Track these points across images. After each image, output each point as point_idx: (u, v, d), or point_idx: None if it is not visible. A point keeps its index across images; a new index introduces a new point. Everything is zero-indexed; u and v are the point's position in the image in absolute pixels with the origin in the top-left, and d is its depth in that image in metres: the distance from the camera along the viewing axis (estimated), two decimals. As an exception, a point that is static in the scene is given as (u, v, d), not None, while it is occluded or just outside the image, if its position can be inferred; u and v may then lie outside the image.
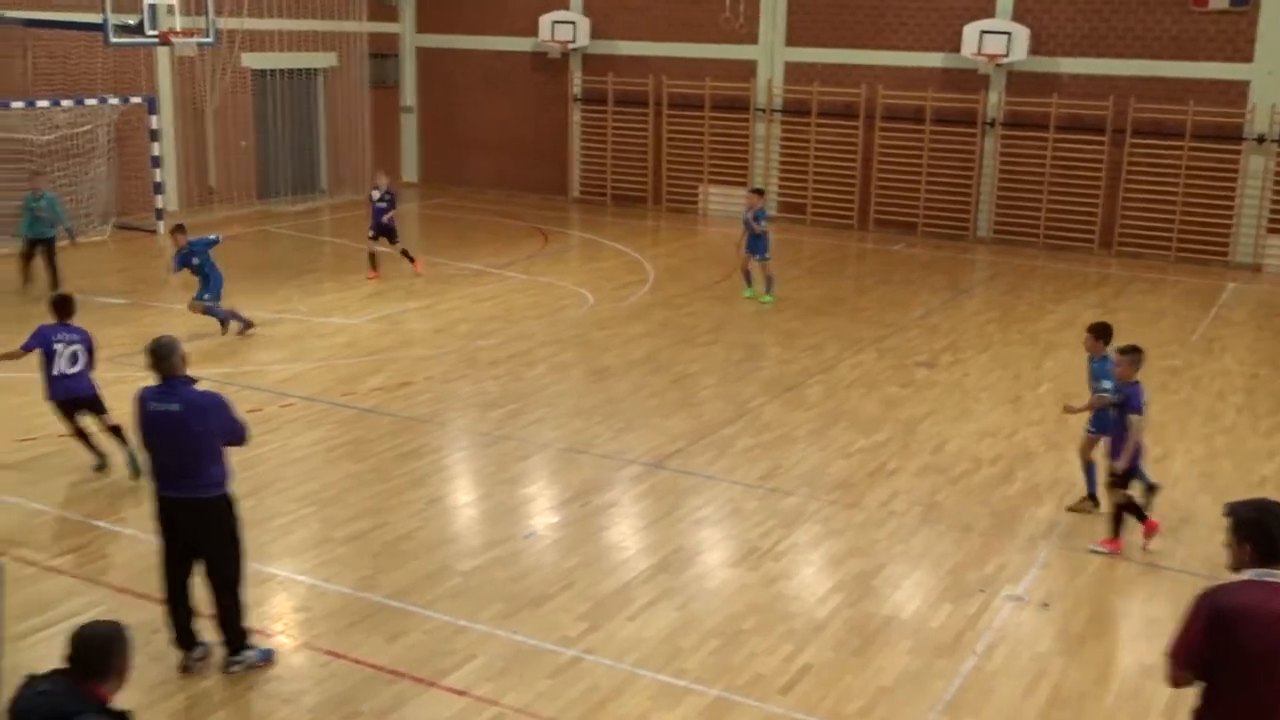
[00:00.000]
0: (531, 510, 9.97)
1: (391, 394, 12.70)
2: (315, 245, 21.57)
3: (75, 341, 10.30)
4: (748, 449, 11.27)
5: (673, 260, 20.47)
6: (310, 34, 25.36)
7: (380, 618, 7.94)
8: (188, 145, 23.42)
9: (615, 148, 25.93)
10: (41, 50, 20.37)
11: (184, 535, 7.13)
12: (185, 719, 6.82)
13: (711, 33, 24.40)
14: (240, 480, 8.32)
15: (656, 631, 7.82)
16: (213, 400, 7.14)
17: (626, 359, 14.21)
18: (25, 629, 7.50)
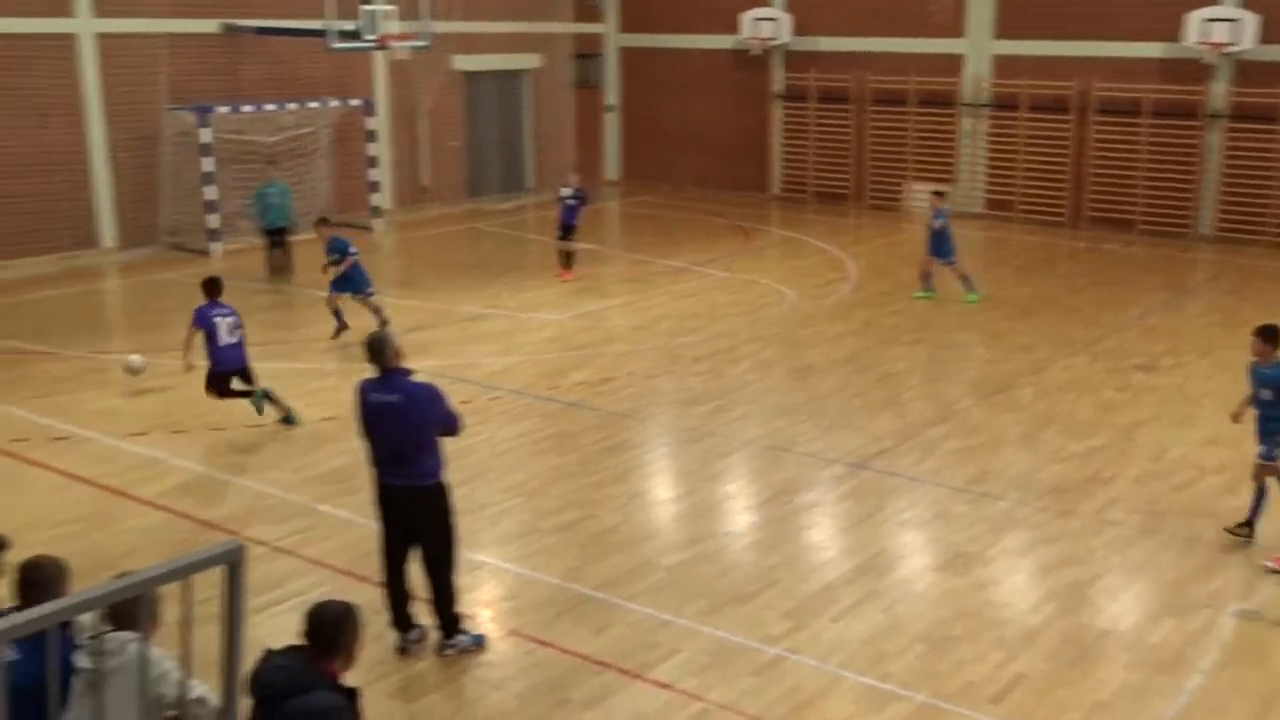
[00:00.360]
0: (734, 507, 9.98)
1: (595, 389, 12.89)
2: (522, 243, 22.07)
3: (229, 315, 11.68)
4: (955, 451, 11.02)
5: (875, 258, 20.18)
6: (517, 36, 25.96)
7: (586, 609, 8.07)
8: (401, 145, 24.28)
9: (817, 144, 25.72)
10: (270, 56, 21.43)
11: (402, 521, 7.40)
12: (401, 699, 7.06)
13: (917, 26, 23.96)
14: (453, 469, 8.58)
15: (861, 633, 7.72)
16: (430, 391, 7.33)
17: (829, 357, 14.08)
18: (256, 605, 7.89)
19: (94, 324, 15.92)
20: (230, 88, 20.93)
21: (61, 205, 19.29)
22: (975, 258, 20.94)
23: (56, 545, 8.54)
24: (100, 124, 19.48)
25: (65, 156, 19.20)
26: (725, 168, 26.94)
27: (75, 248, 19.52)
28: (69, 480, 10.27)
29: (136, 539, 9.10)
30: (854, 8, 24.81)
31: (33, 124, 18.73)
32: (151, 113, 20.05)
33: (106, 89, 19.46)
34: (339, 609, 4.76)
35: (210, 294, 11.81)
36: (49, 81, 18.82)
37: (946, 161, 24.25)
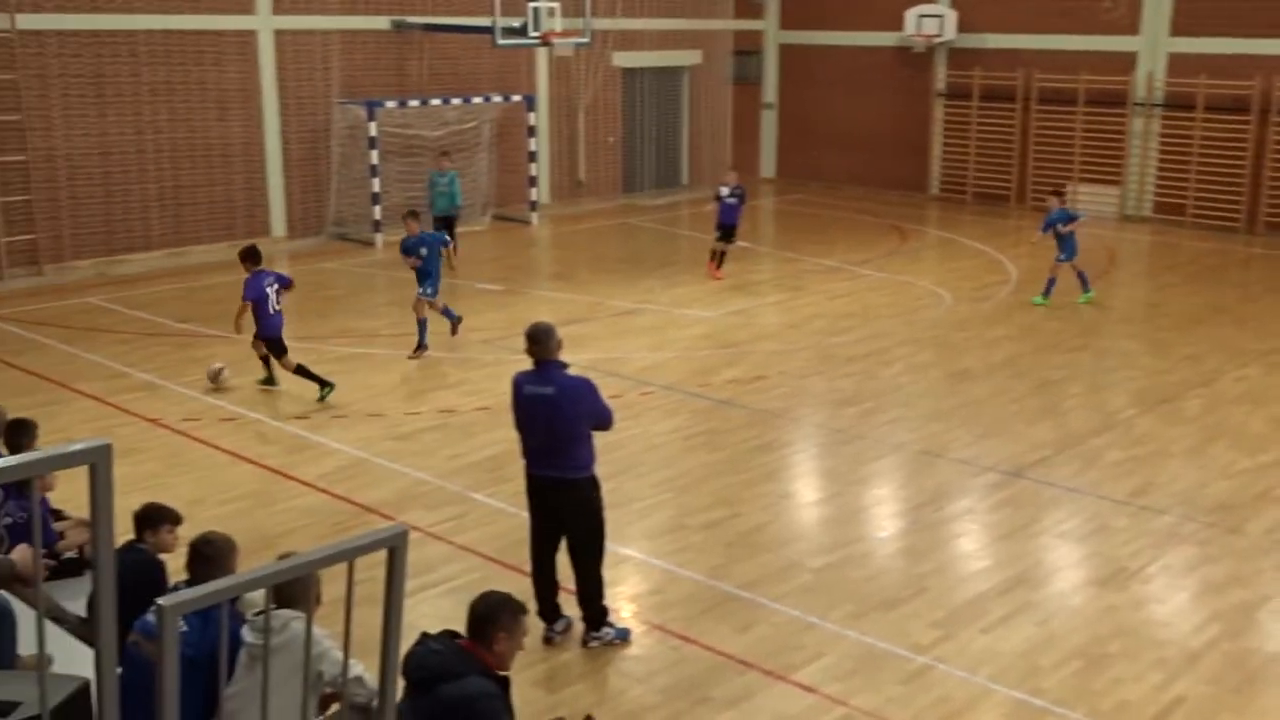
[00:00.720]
0: (884, 512, 9.85)
1: (746, 387, 12.86)
2: (675, 239, 22.14)
3: (274, 282, 12.21)
4: (1117, 463, 10.67)
5: (1036, 262, 19.60)
6: (677, 33, 26.04)
7: (731, 607, 8.05)
8: (560, 141, 24.59)
9: (979, 144, 25.18)
10: (436, 53, 21.93)
11: (551, 513, 7.49)
12: (546, 688, 7.15)
13: (1088, 23, 23.25)
14: (603, 463, 8.66)
15: (1013, 646, 7.53)
16: (584, 385, 7.38)
17: (987, 362, 13.78)
18: (409, 589, 7.98)
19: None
20: (397, 83, 21.50)
21: (237, 195, 20.08)
22: (1142, 263, 20.28)
23: (221, 522, 8.90)
24: (275, 117, 20.22)
25: (242, 148, 19.98)
26: (883, 166, 26.57)
27: (249, 236, 20.28)
28: (234, 459, 10.69)
29: (296, 519, 9.42)
30: (1024, 5, 24.19)
31: (214, 116, 19.54)
32: (322, 106, 20.73)
33: (282, 83, 20.19)
34: (496, 599, 4.85)
35: (255, 261, 12.36)
36: (230, 76, 19.61)
37: (1115, 163, 23.48)
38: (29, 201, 17.77)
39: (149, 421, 11.66)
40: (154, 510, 6.60)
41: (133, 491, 9.40)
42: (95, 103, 18.34)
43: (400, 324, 15.31)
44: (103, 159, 18.56)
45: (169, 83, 19.00)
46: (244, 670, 4.98)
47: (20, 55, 17.43)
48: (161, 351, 14.09)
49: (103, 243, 18.76)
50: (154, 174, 19.10)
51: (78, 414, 11.87)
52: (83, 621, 6.29)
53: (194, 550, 5.72)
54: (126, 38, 18.46)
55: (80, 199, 18.44)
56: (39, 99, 17.79)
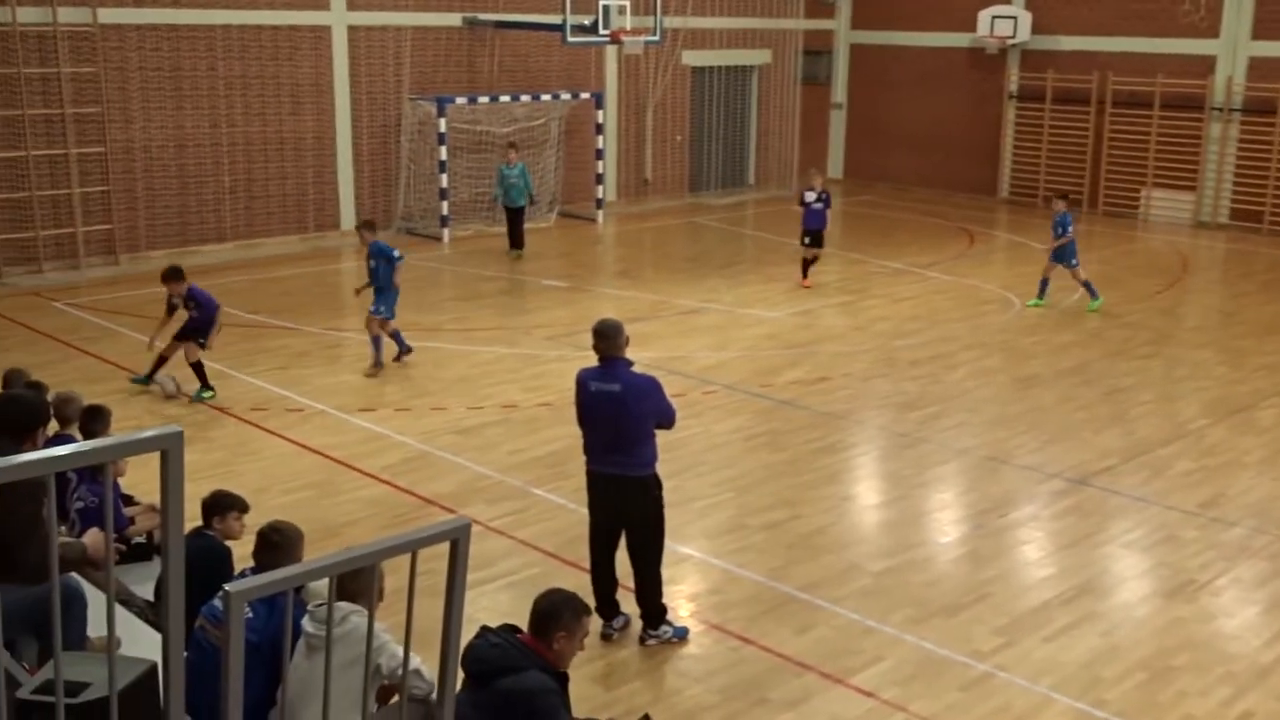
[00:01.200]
0: (946, 517, 9.75)
1: (809, 388, 12.80)
2: (740, 238, 22.08)
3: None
4: (1187, 473, 10.49)
5: (1107, 267, 19.35)
6: (747, 32, 25.97)
7: (790, 609, 8.02)
8: (627, 139, 24.63)
9: (1050, 147, 24.85)
10: (506, 49, 22.06)
11: (612, 510, 7.50)
12: (603, 685, 7.17)
13: (1167, 26, 22.86)
14: (665, 462, 8.66)
15: (1076, 656, 7.43)
16: (650, 383, 7.37)
17: (1054, 368, 13.60)
18: (469, 582, 8.11)
19: (331, 303, 16.72)
20: (468, 79, 21.66)
21: (309, 189, 20.34)
22: (1216, 270, 19.90)
23: (286, 511, 9.01)
24: (347, 112, 20.45)
25: (314, 143, 20.24)
26: (952, 168, 26.31)
27: (319, 229, 20.56)
28: (300, 450, 10.83)
29: (359, 509, 9.52)
30: (1099, 6, 23.84)
31: (287, 110, 19.80)
32: (393, 102, 20.93)
33: (354, 79, 20.41)
34: (560, 598, 4.87)
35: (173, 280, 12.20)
36: (304, 70, 19.86)
37: (1190, 168, 23.06)
38: (106, 193, 18.11)
39: (218, 410, 11.85)
40: (222, 497, 6.71)
41: (201, 479, 9.58)
42: (172, 96, 18.66)
43: (466, 319, 15.43)
44: (178, 151, 18.88)
45: (244, 77, 19.29)
46: (301, 659, 5.04)
47: (101, 49, 17.78)
48: (231, 342, 14.28)
49: (177, 234, 19.10)
50: (228, 167, 19.40)
51: (149, 402, 12.09)
52: (151, 605, 6.41)
53: (262, 538, 5.80)
54: (205, 32, 18.77)
55: (156, 191, 18.78)
56: (118, 92, 18.14)
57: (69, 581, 5.24)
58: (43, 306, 15.92)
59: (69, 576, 5.27)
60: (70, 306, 15.82)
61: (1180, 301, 17.12)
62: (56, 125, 17.67)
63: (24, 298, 16.40)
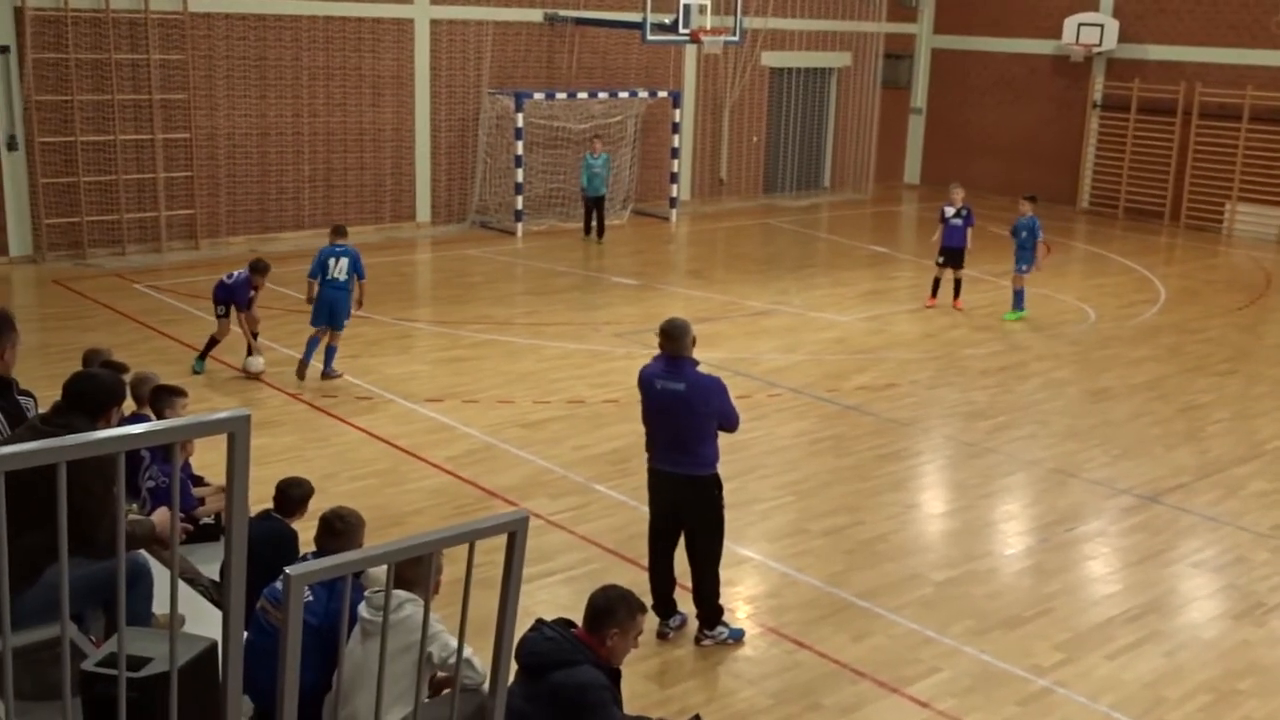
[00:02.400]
0: (1011, 529, 9.64)
1: (876, 394, 12.71)
2: (813, 241, 21.98)
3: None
4: (1262, 493, 10.27)
5: (1188, 281, 19.01)
6: (828, 34, 25.83)
7: (848, 615, 7.98)
8: (704, 138, 24.62)
9: (1134, 158, 24.43)
10: (586, 46, 22.15)
11: (672, 508, 7.51)
12: (658, 683, 7.18)
13: (1258, 36, 22.38)
14: (728, 463, 8.66)
15: (1139, 675, 7.32)
16: (715, 384, 7.36)
17: (1128, 382, 13.38)
18: (527, 575, 8.14)
19: (404, 293, 16.90)
20: (546, 75, 21.78)
21: (386, 180, 20.58)
22: (1303, 288, 19.43)
23: (351, 498, 9.14)
24: (426, 105, 20.65)
25: (393, 134, 20.47)
26: (1031, 177, 25.87)
27: (395, 220, 20.79)
28: (368, 438, 10.97)
29: (423, 499, 9.63)
30: (1189, 15, 23.40)
31: (368, 102, 20.05)
32: (473, 96, 21.10)
33: (434, 72, 20.61)
34: (616, 595, 4.90)
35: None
36: (385, 63, 20.10)
37: (1277, 183, 22.56)
38: (190, 178, 18.46)
39: (289, 396, 12.04)
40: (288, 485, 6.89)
41: (270, 463, 9.75)
42: (257, 85, 18.98)
43: (536, 313, 15.53)
44: (261, 139, 19.20)
45: (327, 68, 19.56)
46: (356, 644, 5.12)
47: (190, 36, 18.12)
48: (304, 329, 14.49)
49: (257, 220, 19.42)
50: (308, 156, 19.69)
51: (221, 385, 12.31)
52: (216, 585, 6.54)
53: (325, 524, 5.90)
54: (290, 23, 19.06)
55: (238, 178, 19.11)
56: (204, 80, 18.48)
57: (136, 558, 5.36)
58: (124, 288, 16.27)
59: (137, 553, 5.39)
60: (151, 289, 16.15)
61: (1262, 319, 16.76)
62: (144, 111, 18.04)
63: (107, 279, 16.77)
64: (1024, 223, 15.94)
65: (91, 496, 4.60)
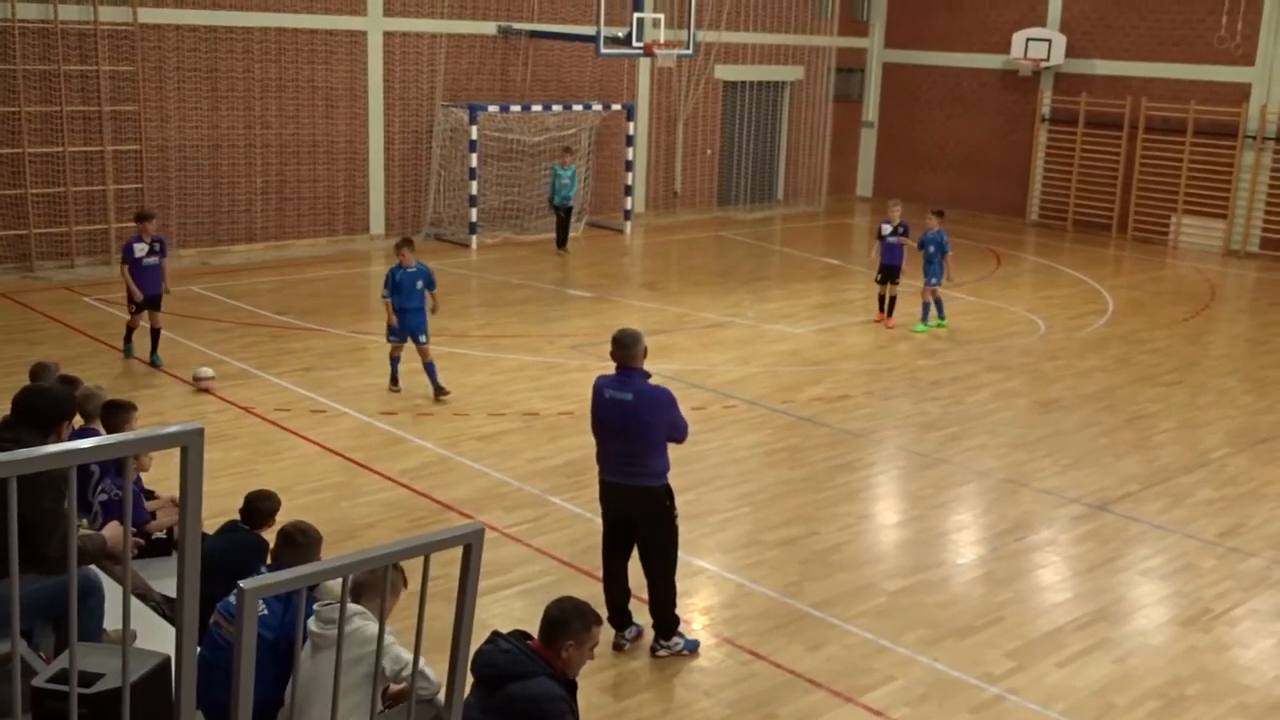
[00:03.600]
0: (963, 538, 9.73)
1: (830, 405, 12.80)
2: (767, 253, 22.09)
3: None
4: (1208, 501, 10.44)
5: (1135, 293, 19.30)
6: (781, 48, 26.02)
7: (802, 625, 8.03)
8: (658, 151, 24.71)
9: (1081, 171, 24.78)
10: (540, 59, 22.19)
11: (624, 520, 7.51)
12: (613, 694, 7.19)
13: (1202, 52, 22.78)
14: (683, 474, 8.73)
15: (1088, 682, 7.41)
16: (663, 395, 7.36)
17: (1078, 392, 13.56)
18: (482, 588, 8.12)
19: (358, 306, 16.83)
20: (500, 88, 21.78)
21: (340, 192, 20.49)
22: (1245, 299, 19.78)
23: (305, 511, 9.08)
24: (379, 117, 20.59)
25: (346, 146, 20.39)
26: (981, 190, 26.27)
27: (348, 232, 20.70)
28: (321, 451, 10.91)
29: (378, 512, 9.59)
30: (1134, 31, 23.78)
31: (321, 114, 19.97)
32: (426, 108, 21.07)
33: (388, 84, 20.56)
34: (571, 607, 4.90)
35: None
36: (338, 75, 20.02)
37: (1221, 196, 22.97)
38: (140, 190, 18.30)
39: (242, 409, 11.95)
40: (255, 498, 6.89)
41: (222, 477, 9.68)
42: (208, 96, 18.85)
43: (491, 325, 15.51)
44: (212, 151, 19.06)
45: (280, 80, 19.46)
46: (306, 657, 5.09)
47: (140, 48, 17.98)
48: (257, 341, 14.42)
49: (208, 233, 19.27)
50: (260, 168, 19.57)
51: (173, 398, 12.20)
52: (168, 600, 6.48)
53: (285, 536, 5.85)
54: (242, 34, 18.95)
55: (189, 190, 18.96)
56: (155, 91, 18.33)
57: (88, 574, 5.31)
58: (74, 301, 16.09)
59: (88, 569, 5.34)
60: (100, 302, 15.98)
61: (1207, 329, 17.05)
62: (94, 122, 17.87)
63: (56, 291, 16.58)
64: (930, 237, 16.11)
65: (41, 511, 4.55)
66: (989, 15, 25.76)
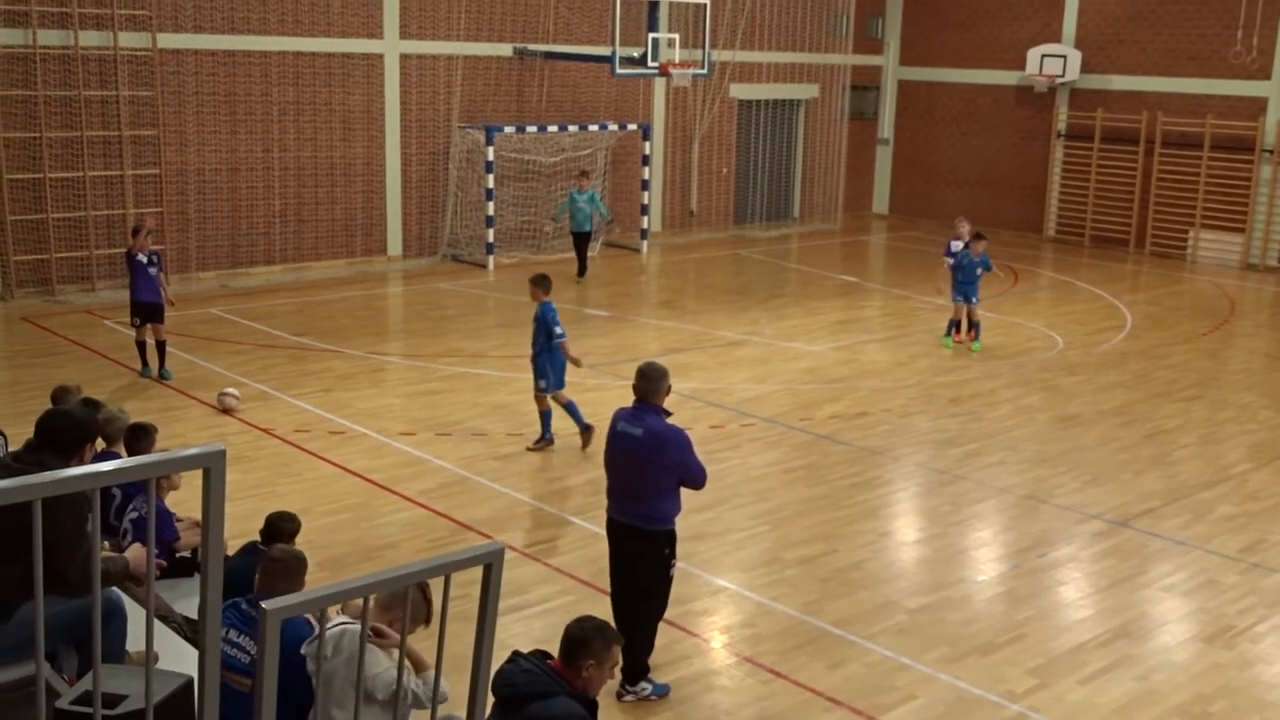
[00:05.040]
0: (984, 555, 9.70)
1: (848, 422, 12.78)
2: (784, 271, 22.11)
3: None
4: (1229, 517, 10.38)
5: (1154, 308, 19.23)
6: (795, 66, 26.07)
7: (823, 644, 8.01)
8: (674, 170, 24.76)
9: (1098, 186, 24.72)
10: (555, 80, 22.28)
11: (621, 558, 7.30)
12: (633, 714, 7.16)
13: (1218, 67, 22.74)
14: (701, 493, 8.66)
15: (1111, 699, 7.37)
16: (676, 436, 7.03)
17: (1097, 408, 13.51)
18: (502, 608, 8.14)
19: (376, 327, 16.90)
20: (516, 109, 21.88)
21: (357, 214, 20.59)
22: (1265, 313, 19.68)
23: (325, 532, 9.14)
24: (396, 139, 20.70)
25: (364, 169, 20.50)
26: (998, 206, 26.23)
27: (366, 254, 20.79)
28: (341, 472, 10.94)
29: (397, 532, 9.61)
30: (1149, 46, 23.76)
31: (338, 136, 20.09)
32: (443, 130, 21.17)
33: (405, 106, 20.68)
34: (592, 626, 4.90)
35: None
36: (355, 97, 20.15)
37: (1239, 210, 22.88)
38: (160, 214, 18.41)
39: (261, 430, 11.99)
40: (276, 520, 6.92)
41: (243, 498, 9.72)
42: (227, 120, 18.99)
43: (507, 345, 15.54)
44: (231, 175, 19.19)
45: (297, 103, 19.59)
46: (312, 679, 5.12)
47: (159, 73, 18.13)
48: (276, 363, 14.49)
49: (227, 256, 19.38)
50: (278, 191, 19.69)
51: (193, 420, 12.26)
52: (190, 622, 6.50)
53: (270, 559, 5.83)
54: (260, 58, 19.09)
55: (208, 213, 19.08)
56: (174, 115, 18.47)
57: (110, 596, 5.33)
58: (94, 324, 16.20)
59: (110, 591, 5.37)
60: (120, 325, 16.06)
61: (1226, 344, 16.98)
62: (114, 147, 18.01)
63: (77, 315, 16.70)
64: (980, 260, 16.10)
65: (64, 534, 4.58)
66: (1003, 32, 25.77)
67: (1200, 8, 22.91)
